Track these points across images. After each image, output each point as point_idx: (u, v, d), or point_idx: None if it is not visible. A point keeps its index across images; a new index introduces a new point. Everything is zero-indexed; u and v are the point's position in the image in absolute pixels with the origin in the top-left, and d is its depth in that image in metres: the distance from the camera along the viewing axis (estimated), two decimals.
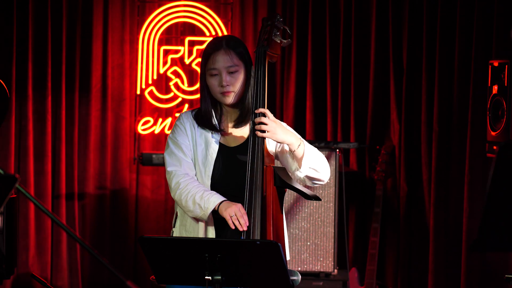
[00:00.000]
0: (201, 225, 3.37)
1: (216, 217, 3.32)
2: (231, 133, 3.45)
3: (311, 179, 3.38)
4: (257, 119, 3.26)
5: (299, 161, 3.31)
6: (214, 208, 3.23)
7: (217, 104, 3.44)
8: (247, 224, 3.21)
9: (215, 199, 3.25)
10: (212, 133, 3.41)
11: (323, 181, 3.42)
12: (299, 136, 3.33)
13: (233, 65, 3.34)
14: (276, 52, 3.41)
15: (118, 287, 5.39)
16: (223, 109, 3.45)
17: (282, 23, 3.47)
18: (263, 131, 3.26)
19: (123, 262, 5.76)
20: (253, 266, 2.83)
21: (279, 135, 3.28)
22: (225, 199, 3.26)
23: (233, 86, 3.35)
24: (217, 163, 3.39)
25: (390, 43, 5.65)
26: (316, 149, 3.36)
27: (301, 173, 3.32)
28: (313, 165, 3.32)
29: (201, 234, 3.36)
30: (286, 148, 3.39)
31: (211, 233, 3.36)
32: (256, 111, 3.29)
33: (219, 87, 3.35)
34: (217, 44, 3.38)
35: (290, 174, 3.41)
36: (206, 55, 3.39)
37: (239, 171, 3.36)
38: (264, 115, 3.26)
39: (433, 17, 5.46)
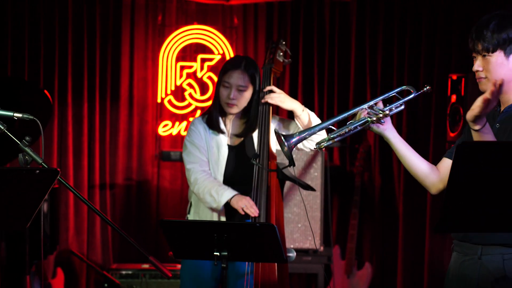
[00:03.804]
0: (214, 213, 3.37)
1: (227, 208, 3.33)
2: (234, 134, 3.45)
3: (316, 139, 3.35)
4: (268, 88, 3.35)
5: (308, 123, 3.33)
6: (228, 201, 3.25)
7: (225, 112, 3.43)
8: (258, 212, 3.23)
9: (228, 194, 3.26)
10: (221, 136, 3.41)
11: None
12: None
13: (244, 86, 3.34)
14: (279, 69, 3.47)
15: (142, 261, 5.39)
16: (229, 116, 3.45)
17: (285, 46, 3.51)
18: (270, 101, 3.36)
19: (146, 241, 5.75)
20: (254, 244, 2.83)
21: (287, 102, 3.34)
22: (236, 193, 3.27)
23: (237, 101, 3.35)
24: (228, 162, 3.39)
25: (367, 61, 5.64)
26: (315, 115, 3.43)
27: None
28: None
29: (214, 219, 3.37)
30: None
31: (222, 218, 3.37)
32: (264, 90, 3.37)
33: (226, 98, 3.35)
34: (237, 63, 3.38)
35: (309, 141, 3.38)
36: (225, 69, 3.39)
37: (245, 165, 3.37)
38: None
39: (402, 39, 5.46)
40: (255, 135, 3.41)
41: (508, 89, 2.45)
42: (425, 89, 2.66)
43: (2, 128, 2.60)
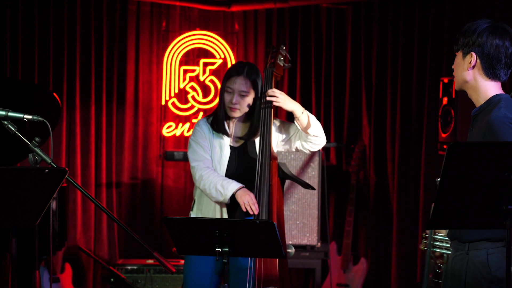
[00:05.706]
0: (217, 208, 3.37)
1: (229, 204, 3.33)
2: (238, 137, 3.45)
3: (314, 141, 3.40)
4: (270, 92, 3.34)
5: (307, 125, 3.32)
6: (233, 193, 3.25)
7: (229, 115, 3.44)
8: (258, 210, 3.23)
9: (233, 186, 3.27)
10: (224, 137, 3.42)
11: (322, 144, 3.44)
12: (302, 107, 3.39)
13: (245, 91, 3.36)
14: (280, 73, 3.47)
15: (147, 257, 5.39)
16: (233, 119, 3.46)
17: (285, 51, 3.53)
18: (272, 103, 3.35)
19: (151, 237, 5.76)
20: (254, 240, 2.82)
21: (287, 103, 3.34)
22: (242, 185, 3.27)
23: (240, 105, 3.37)
24: (230, 162, 3.40)
25: (362, 64, 5.64)
26: (314, 117, 3.41)
27: (312, 131, 3.35)
28: (318, 126, 3.38)
29: (216, 215, 3.36)
30: (293, 130, 3.45)
31: (224, 214, 3.36)
32: (266, 93, 3.37)
33: (229, 103, 3.37)
34: (240, 69, 3.39)
35: (304, 140, 3.41)
36: (229, 75, 3.40)
37: (246, 166, 3.37)
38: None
39: (395, 44, 5.46)
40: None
41: (470, 92, 2.56)
42: None
43: (13, 129, 2.60)
